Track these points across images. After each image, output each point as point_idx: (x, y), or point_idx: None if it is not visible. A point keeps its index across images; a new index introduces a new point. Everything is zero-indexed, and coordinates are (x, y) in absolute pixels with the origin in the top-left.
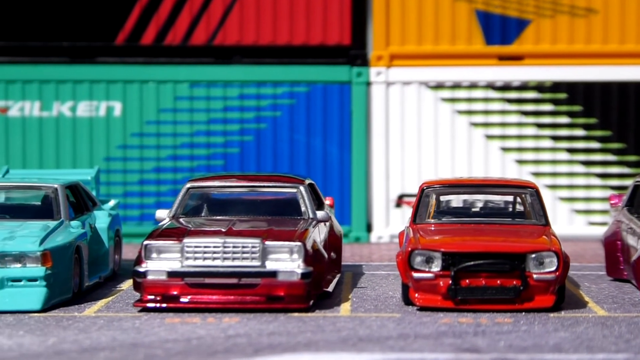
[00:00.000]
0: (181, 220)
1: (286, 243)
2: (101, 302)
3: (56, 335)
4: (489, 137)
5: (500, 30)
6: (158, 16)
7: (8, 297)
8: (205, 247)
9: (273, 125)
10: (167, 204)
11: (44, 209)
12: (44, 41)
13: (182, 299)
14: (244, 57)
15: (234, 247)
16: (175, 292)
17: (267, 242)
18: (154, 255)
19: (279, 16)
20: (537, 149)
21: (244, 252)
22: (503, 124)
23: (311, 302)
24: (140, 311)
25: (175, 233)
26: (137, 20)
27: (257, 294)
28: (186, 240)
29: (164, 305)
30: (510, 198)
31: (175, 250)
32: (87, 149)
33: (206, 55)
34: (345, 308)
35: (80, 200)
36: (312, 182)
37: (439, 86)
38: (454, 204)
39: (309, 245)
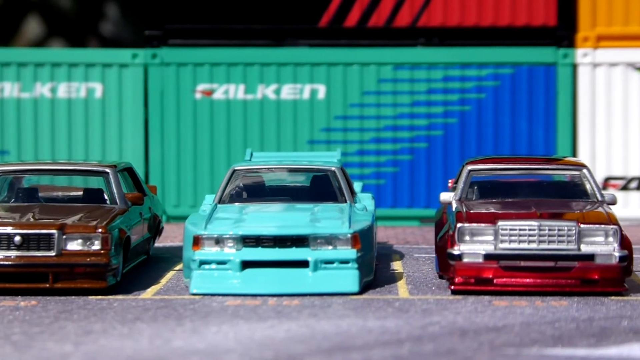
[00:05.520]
0: (470, 202)
1: (602, 226)
2: (401, 283)
3: (411, 316)
4: None
5: None
6: None
7: (323, 279)
8: (520, 229)
9: (477, 107)
10: (369, 187)
11: (325, 191)
12: (248, 24)
13: (496, 282)
14: (447, 39)
15: (549, 230)
16: (489, 275)
17: (582, 225)
18: (467, 237)
19: None
20: None
21: (559, 235)
22: None
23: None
24: (453, 293)
25: (482, 216)
26: (341, 2)
27: (571, 277)
28: (501, 222)
29: (477, 288)
30: None
31: (488, 232)
32: (291, 131)
33: (410, 36)
34: None
35: (347, 183)
36: None
37: None
38: None
39: (622, 229)
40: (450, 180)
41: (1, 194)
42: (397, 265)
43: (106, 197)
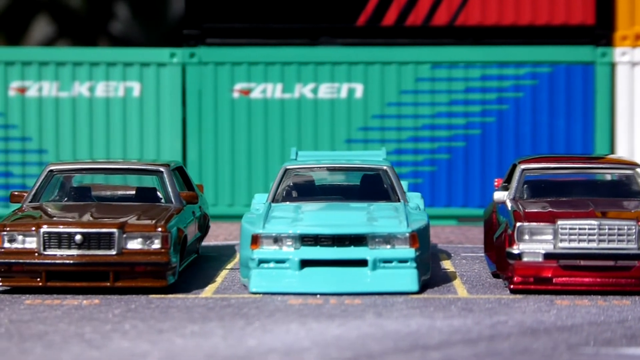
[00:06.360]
0: (526, 202)
1: None
2: (457, 283)
3: (477, 316)
4: None
5: None
6: None
7: (382, 278)
8: (580, 229)
9: (515, 106)
10: (410, 187)
11: (378, 190)
12: (285, 23)
13: (555, 281)
14: (485, 38)
15: (609, 229)
16: (548, 274)
17: None
18: (526, 237)
19: None
20: None
21: (619, 235)
22: None
23: None
24: (512, 292)
25: (541, 215)
26: (378, 1)
27: (631, 277)
28: (560, 222)
29: (536, 287)
30: None
31: (548, 232)
32: (328, 130)
33: (447, 36)
34: None
35: (398, 182)
36: None
37: None
38: None
39: None
40: (496, 180)
41: (53, 193)
42: (447, 265)
43: (160, 195)
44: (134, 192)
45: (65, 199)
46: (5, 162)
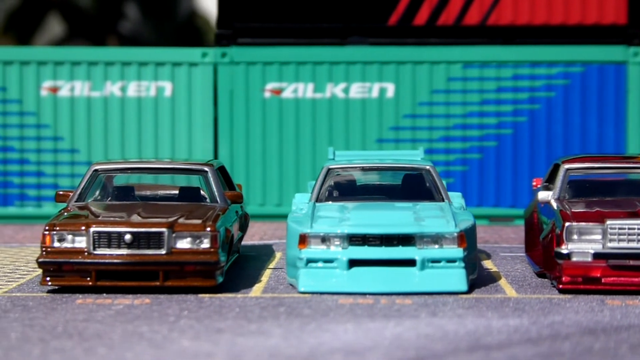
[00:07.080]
0: (571, 201)
1: None
2: (503, 282)
3: (531, 316)
4: None
5: None
6: None
7: (430, 278)
8: (629, 228)
9: (547, 106)
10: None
11: (421, 190)
12: (316, 22)
13: (604, 281)
14: (517, 38)
15: None
16: (597, 274)
17: None
18: (575, 237)
19: None
20: None
21: None
22: None
23: None
24: (560, 292)
25: (589, 215)
26: (410, 1)
27: None
28: (609, 222)
29: (585, 287)
30: None
31: (596, 232)
32: (360, 130)
33: (479, 35)
34: None
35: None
36: None
37: None
38: None
39: None
40: (535, 180)
41: (96, 193)
42: (489, 265)
43: (204, 195)
44: (176, 192)
45: (109, 198)
46: (37, 162)
